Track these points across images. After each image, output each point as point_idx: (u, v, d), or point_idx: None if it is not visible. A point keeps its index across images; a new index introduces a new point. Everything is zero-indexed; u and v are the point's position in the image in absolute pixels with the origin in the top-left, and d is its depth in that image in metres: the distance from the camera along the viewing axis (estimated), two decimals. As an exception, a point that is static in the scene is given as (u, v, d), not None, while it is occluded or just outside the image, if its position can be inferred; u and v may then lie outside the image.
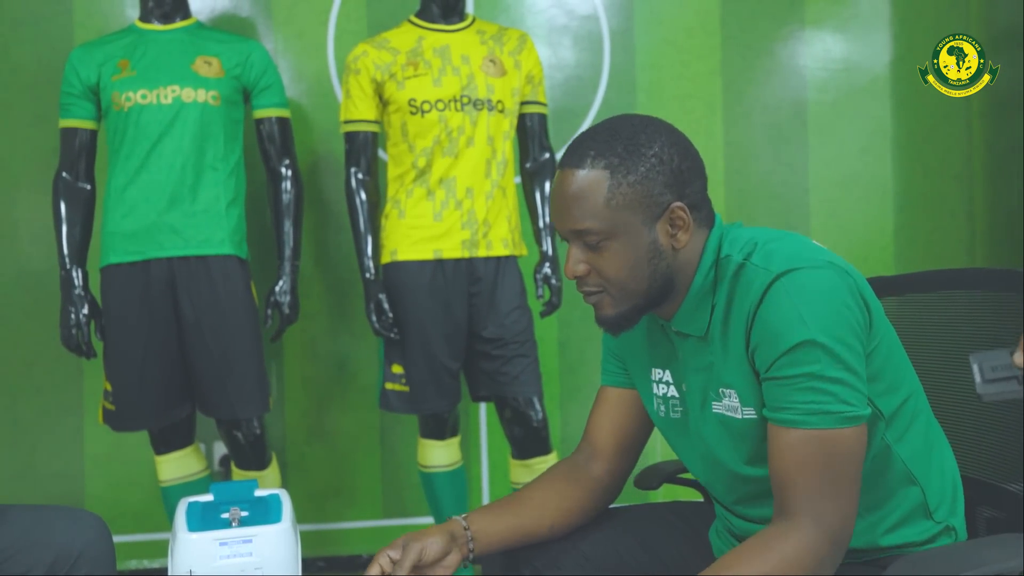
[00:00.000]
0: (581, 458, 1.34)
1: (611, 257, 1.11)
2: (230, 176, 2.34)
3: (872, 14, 3.02)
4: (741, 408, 1.12)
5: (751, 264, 1.09)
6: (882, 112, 3.02)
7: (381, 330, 2.27)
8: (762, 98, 2.99)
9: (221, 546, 1.19)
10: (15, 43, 2.77)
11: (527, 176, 2.45)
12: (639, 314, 1.16)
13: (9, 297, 2.78)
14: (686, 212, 1.11)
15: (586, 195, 1.10)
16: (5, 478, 2.74)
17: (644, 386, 1.28)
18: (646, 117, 1.17)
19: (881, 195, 3.02)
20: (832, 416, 1.02)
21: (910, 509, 1.15)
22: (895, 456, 1.13)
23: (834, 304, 1.04)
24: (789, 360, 1.03)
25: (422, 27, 2.33)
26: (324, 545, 2.84)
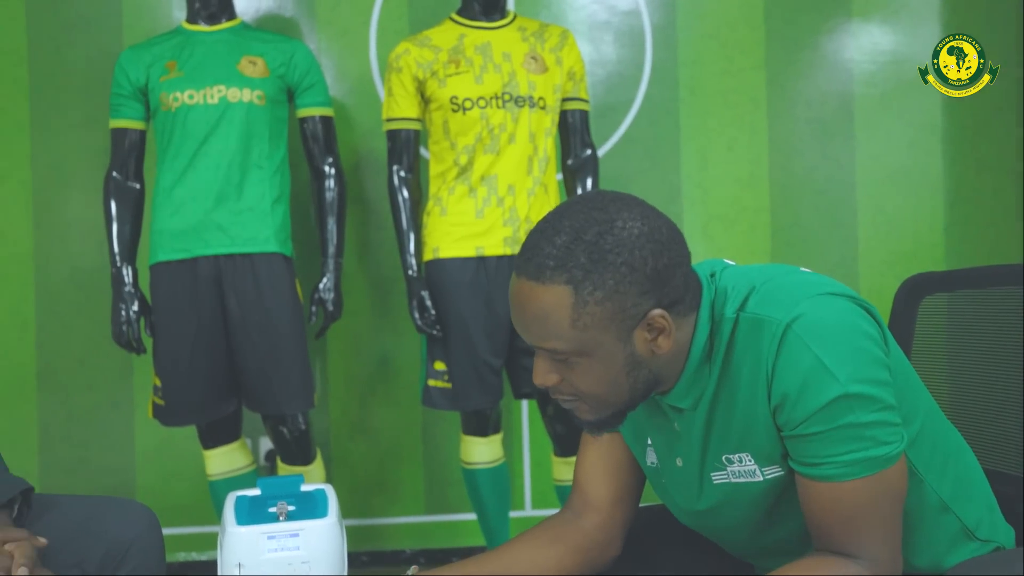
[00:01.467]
0: (570, 513, 1.24)
1: (583, 373, 1.01)
2: (275, 174, 2.36)
3: (921, 5, 2.96)
4: (760, 469, 1.07)
5: (748, 315, 1.02)
6: (932, 105, 2.96)
7: (424, 327, 2.27)
8: (807, 93, 2.95)
9: (269, 540, 1.20)
10: (66, 46, 2.82)
11: (569, 173, 2.45)
12: (623, 417, 1.08)
13: (61, 294, 2.83)
14: (666, 318, 0.99)
15: (547, 315, 0.97)
16: (59, 470, 2.80)
17: (636, 443, 1.22)
18: (613, 203, 1.00)
19: (931, 191, 2.96)
20: (873, 461, 0.98)
21: (953, 535, 1.12)
22: (925, 487, 1.09)
23: (853, 340, 0.98)
24: (822, 416, 0.97)
25: (464, 24, 2.34)
26: (368, 540, 2.86)
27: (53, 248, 2.84)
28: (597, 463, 1.24)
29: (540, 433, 2.80)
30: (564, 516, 1.25)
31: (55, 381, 2.83)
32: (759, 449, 1.05)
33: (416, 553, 2.88)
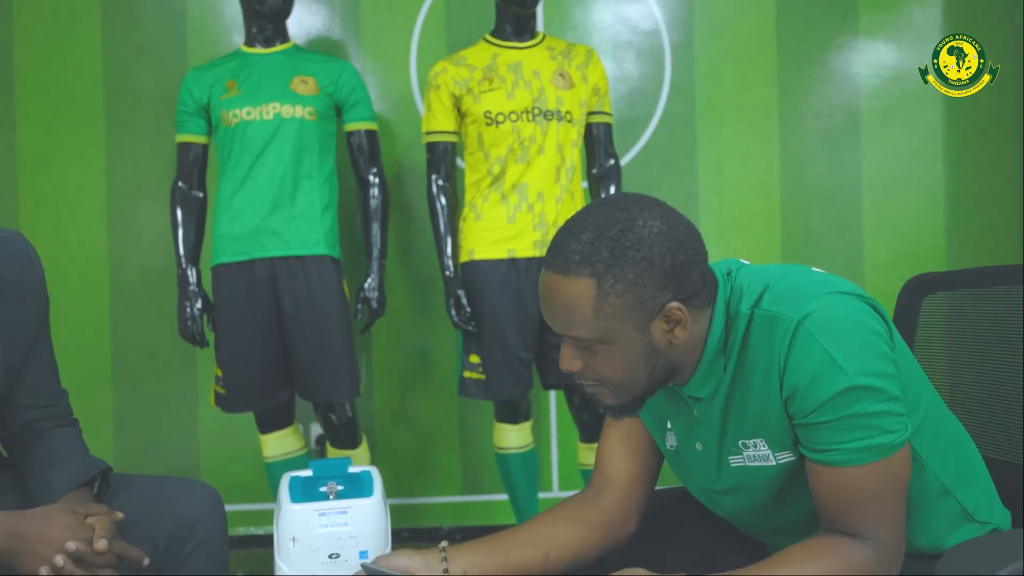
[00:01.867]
0: (590, 492, 1.24)
1: (605, 360, 1.01)
2: (324, 184, 2.37)
3: (924, 23, 2.93)
4: (773, 454, 1.06)
5: (763, 312, 1.01)
6: (933, 116, 2.93)
7: (460, 323, 2.28)
8: (816, 105, 2.92)
9: (320, 516, 1.20)
10: (137, 68, 2.85)
11: (594, 181, 2.44)
12: (642, 402, 1.08)
13: (132, 294, 2.86)
14: (683, 310, 0.99)
15: (573, 305, 0.97)
16: (131, 452, 2.83)
17: (656, 428, 1.22)
18: (635, 204, 1.01)
19: (932, 196, 2.92)
20: (878, 449, 0.97)
21: (952, 518, 1.11)
22: (928, 472, 1.08)
23: (861, 336, 0.98)
24: (831, 407, 0.97)
25: (496, 45, 2.34)
26: (409, 518, 2.88)
27: (125, 251, 2.87)
28: (617, 446, 1.24)
29: (567, 421, 2.79)
30: (585, 495, 1.25)
31: (128, 372, 2.87)
32: (772, 435, 1.05)
33: (452, 530, 2.89)
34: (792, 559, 0.99)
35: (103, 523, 1.19)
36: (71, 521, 1.17)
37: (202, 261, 2.41)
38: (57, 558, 1.13)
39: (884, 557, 0.99)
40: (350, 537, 1.20)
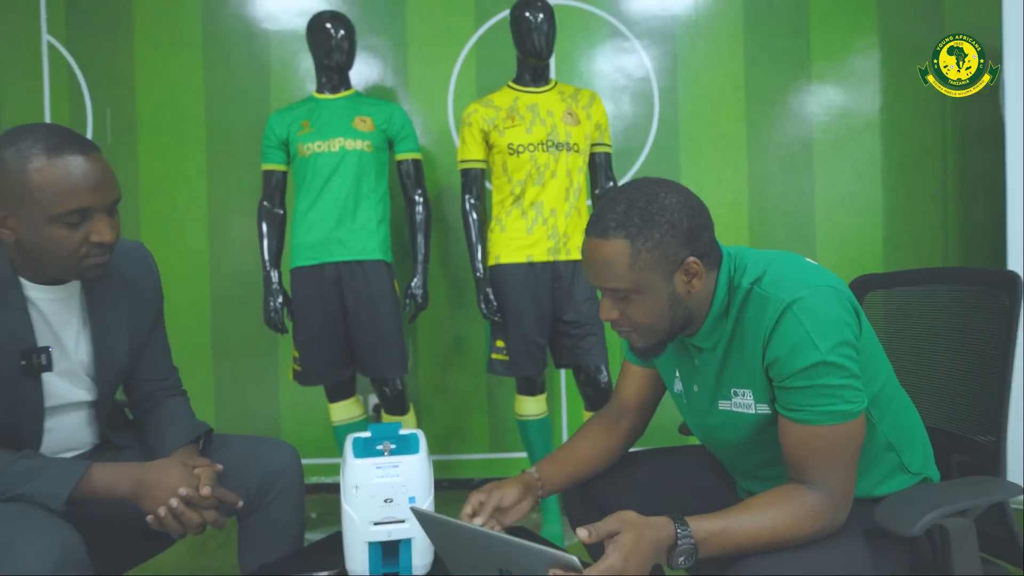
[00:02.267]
0: (613, 414, 1.31)
1: (638, 306, 1.03)
2: (379, 202, 2.38)
3: (865, 71, 2.89)
4: (755, 405, 1.07)
5: (760, 290, 1.02)
6: (873, 147, 2.89)
7: (488, 315, 2.28)
8: (777, 138, 2.90)
9: (377, 469, 1.20)
10: (231, 112, 2.88)
11: (596, 200, 2.43)
12: (664, 346, 1.10)
13: (228, 291, 2.89)
14: (699, 264, 1.02)
15: (611, 261, 1.00)
16: (228, 417, 2.86)
17: (666, 373, 1.24)
18: (656, 183, 1.05)
19: (872, 212, 2.89)
20: (840, 414, 0.97)
21: (890, 468, 1.10)
22: (877, 431, 1.08)
23: (836, 324, 0.98)
24: (805, 375, 0.98)
25: (517, 90, 2.34)
26: (447, 471, 2.88)
27: (222, 257, 2.90)
28: (630, 386, 1.30)
29: (574, 394, 2.80)
30: (608, 414, 1.32)
31: (224, 353, 2.89)
32: (756, 389, 1.06)
33: (481, 480, 2.87)
34: (758, 503, 0.99)
35: (207, 473, 1.20)
36: (183, 471, 1.18)
37: (282, 265, 2.42)
38: (172, 501, 1.14)
39: (835, 503, 0.98)
40: (401, 486, 1.20)
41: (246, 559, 1.33)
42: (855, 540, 0.99)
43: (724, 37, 2.89)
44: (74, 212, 1.09)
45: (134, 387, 1.38)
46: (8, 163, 1.07)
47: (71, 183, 1.08)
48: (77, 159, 1.09)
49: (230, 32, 2.88)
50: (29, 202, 1.07)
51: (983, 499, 1.00)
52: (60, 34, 2.87)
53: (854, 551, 0.98)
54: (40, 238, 1.09)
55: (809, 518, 0.96)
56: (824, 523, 0.97)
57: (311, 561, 1.29)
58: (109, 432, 1.35)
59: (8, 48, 2.87)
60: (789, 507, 0.96)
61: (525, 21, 2.28)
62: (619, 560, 0.89)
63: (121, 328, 1.30)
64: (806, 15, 2.88)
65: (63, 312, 1.22)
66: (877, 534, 0.98)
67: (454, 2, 2.86)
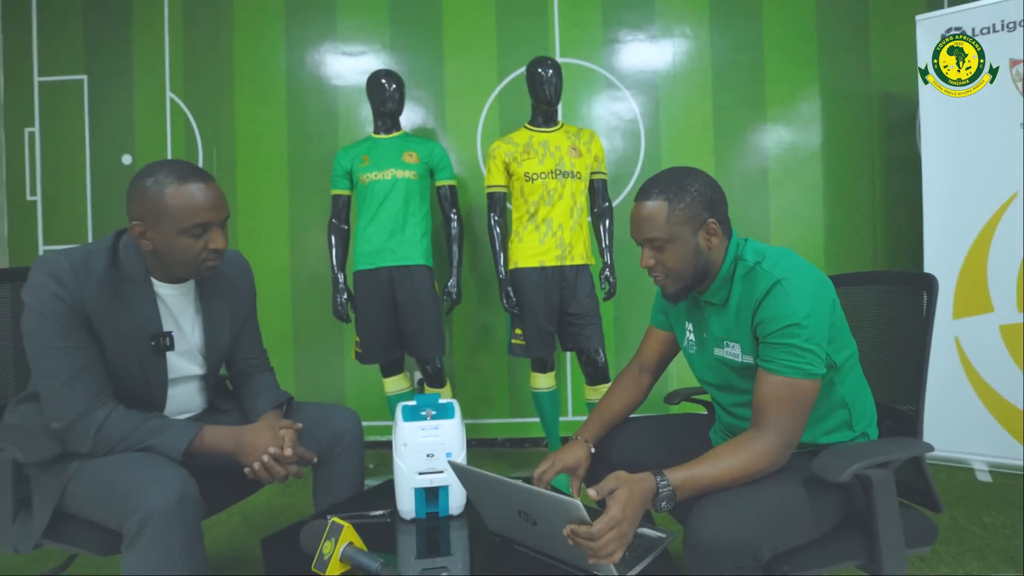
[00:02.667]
0: (636, 369, 1.33)
1: (671, 254, 1.08)
2: (423, 219, 2.38)
3: (809, 114, 2.85)
4: (741, 355, 1.08)
5: (760, 268, 1.06)
6: (816, 175, 2.85)
7: (508, 308, 2.28)
8: (740, 167, 2.87)
9: (421, 430, 1.22)
10: (308, 148, 2.89)
11: (595, 217, 2.42)
12: (688, 291, 1.13)
13: (305, 290, 2.90)
14: (717, 225, 1.08)
15: (654, 216, 1.07)
16: (304, 388, 2.88)
17: (680, 330, 1.25)
18: (689, 168, 1.11)
19: (815, 226, 2.85)
20: (801, 370, 0.98)
21: (839, 423, 1.10)
22: (836, 390, 1.08)
23: (813, 302, 1.00)
24: (780, 333, 1.00)
25: (532, 130, 2.34)
26: (477, 432, 2.89)
27: (300, 264, 2.91)
28: (652, 346, 1.33)
29: (577, 372, 2.80)
30: (631, 370, 1.34)
31: (302, 339, 2.90)
32: (744, 343, 1.08)
33: (504, 440, 2.90)
34: (719, 451, 0.99)
35: (290, 436, 1.22)
36: (272, 434, 1.20)
37: (346, 269, 2.44)
38: (264, 457, 1.16)
39: (779, 446, 0.99)
40: (440, 444, 1.21)
41: (319, 500, 1.34)
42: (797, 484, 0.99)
43: (697, 88, 2.86)
44: (197, 225, 1.12)
45: (233, 364, 1.41)
46: (150, 189, 1.11)
47: (195, 204, 1.11)
48: (200, 185, 1.13)
49: (307, 88, 2.91)
50: (164, 218, 1.11)
51: (899, 454, 1.00)
52: (179, 91, 2.93)
53: (796, 493, 0.98)
54: (171, 246, 1.13)
55: (757, 459, 0.97)
56: (770, 462, 0.98)
57: (369, 502, 1.30)
58: (214, 399, 1.37)
59: (142, 103, 2.93)
60: (743, 453, 0.97)
61: (538, 75, 2.29)
62: (619, 511, 0.90)
63: (225, 318, 1.32)
64: (762, 71, 2.85)
65: (182, 304, 1.25)
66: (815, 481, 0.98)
67: (482, 61, 2.87)
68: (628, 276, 2.72)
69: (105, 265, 1.13)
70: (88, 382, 1.10)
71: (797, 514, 0.97)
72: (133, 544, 0.98)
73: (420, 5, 2.88)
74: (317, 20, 2.91)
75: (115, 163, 2.94)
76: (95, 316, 1.11)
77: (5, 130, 2.98)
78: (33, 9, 2.97)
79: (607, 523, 0.89)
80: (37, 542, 1.09)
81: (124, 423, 1.11)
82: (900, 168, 2.81)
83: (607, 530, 0.88)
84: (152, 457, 1.09)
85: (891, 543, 0.96)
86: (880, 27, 2.83)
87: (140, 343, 1.17)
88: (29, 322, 1.08)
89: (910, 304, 1.18)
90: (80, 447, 1.10)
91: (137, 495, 1.00)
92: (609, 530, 0.88)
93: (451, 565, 1.06)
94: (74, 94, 2.95)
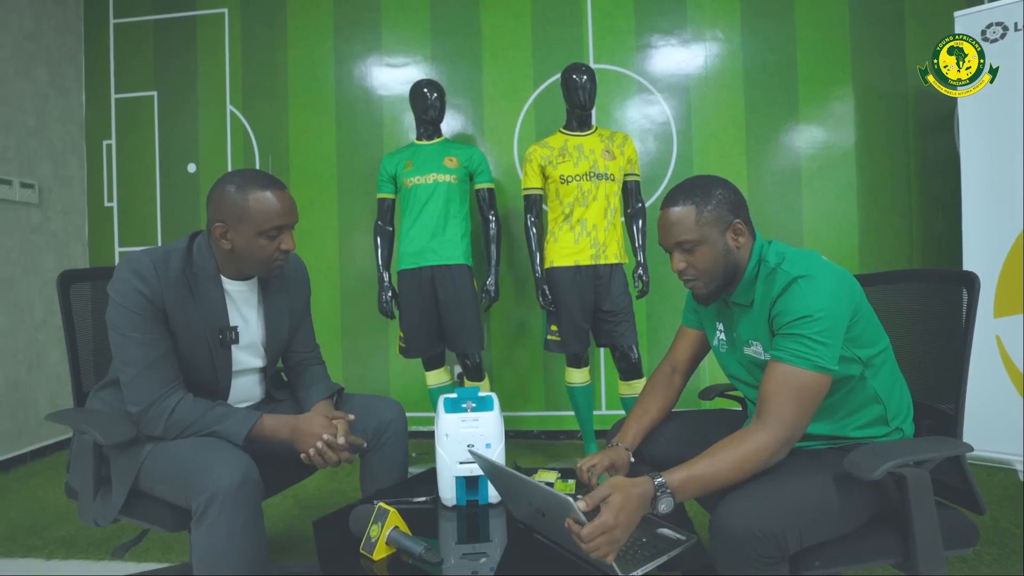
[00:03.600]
0: (668, 370, 1.30)
1: (701, 256, 1.07)
2: (463, 221, 2.38)
3: (842, 114, 2.74)
4: (763, 353, 1.06)
5: (781, 269, 1.03)
6: (850, 173, 2.74)
7: (544, 306, 2.27)
8: (772, 167, 2.78)
9: (462, 422, 1.22)
10: (355, 155, 2.94)
11: (628, 218, 2.39)
12: (719, 292, 1.11)
13: (353, 288, 2.95)
14: (743, 225, 1.07)
15: (683, 219, 1.06)
16: (352, 380, 2.93)
17: (711, 330, 1.23)
18: (710, 176, 1.10)
19: (849, 225, 2.74)
20: (809, 361, 0.94)
21: (874, 418, 1.06)
22: (868, 384, 1.03)
23: (830, 300, 0.97)
24: (792, 325, 0.97)
25: (566, 134, 2.32)
26: (513, 424, 2.89)
27: (348, 263, 2.96)
28: (683, 346, 1.30)
29: (611, 367, 2.77)
30: (664, 372, 1.30)
31: (350, 334, 2.95)
32: (764, 342, 1.06)
33: (540, 432, 2.89)
34: (716, 449, 0.96)
35: (342, 424, 1.23)
36: (325, 422, 1.21)
37: (391, 268, 2.46)
38: (318, 443, 1.18)
39: (779, 438, 0.95)
40: (479, 435, 1.22)
41: (366, 485, 1.36)
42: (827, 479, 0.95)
43: (728, 89, 2.79)
44: (274, 228, 1.17)
45: (288, 357, 1.43)
46: (233, 194, 1.16)
47: (274, 209, 1.16)
48: (278, 193, 1.18)
49: (354, 98, 2.96)
50: (245, 220, 1.16)
51: (934, 453, 0.95)
52: (238, 104, 3.02)
53: (826, 486, 0.94)
54: (249, 246, 1.17)
55: (754, 454, 0.94)
56: (767, 456, 0.94)
57: (413, 489, 1.31)
58: (271, 389, 1.40)
59: (205, 115, 3.04)
60: (740, 448, 0.94)
61: (573, 82, 2.27)
62: (611, 517, 0.88)
63: (283, 313, 1.35)
64: (794, 71, 2.76)
65: (248, 299, 1.29)
66: (847, 477, 0.93)
67: (518, 69, 2.86)
68: (661, 274, 2.67)
69: (181, 263, 1.18)
70: (162, 371, 1.14)
71: (826, 508, 0.93)
72: (201, 521, 1.02)
73: (459, 18, 2.89)
74: (363, 35, 2.95)
75: (181, 171, 3.05)
76: (171, 310, 1.15)
77: (87, 143, 3.13)
78: (111, 34, 3.11)
79: (597, 528, 0.87)
80: (115, 517, 1.14)
81: (192, 410, 1.15)
82: (937, 166, 2.68)
83: (596, 535, 0.86)
84: (217, 442, 1.13)
85: (927, 543, 0.91)
86: (916, 25, 2.70)
87: (210, 335, 1.21)
88: (113, 314, 1.13)
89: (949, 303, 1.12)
90: (153, 431, 1.14)
91: (204, 476, 1.03)
92: (599, 535, 0.87)
93: (490, 550, 1.06)
94: (146, 109, 3.08)
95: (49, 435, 2.83)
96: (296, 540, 1.81)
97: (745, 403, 1.36)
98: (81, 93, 3.12)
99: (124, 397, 1.15)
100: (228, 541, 1.01)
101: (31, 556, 1.75)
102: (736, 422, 1.29)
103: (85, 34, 3.13)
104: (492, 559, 1.03)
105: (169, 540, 1.79)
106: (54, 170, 2.95)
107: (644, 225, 2.36)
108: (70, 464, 1.25)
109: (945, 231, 2.64)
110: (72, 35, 3.07)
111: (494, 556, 1.04)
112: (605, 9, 2.83)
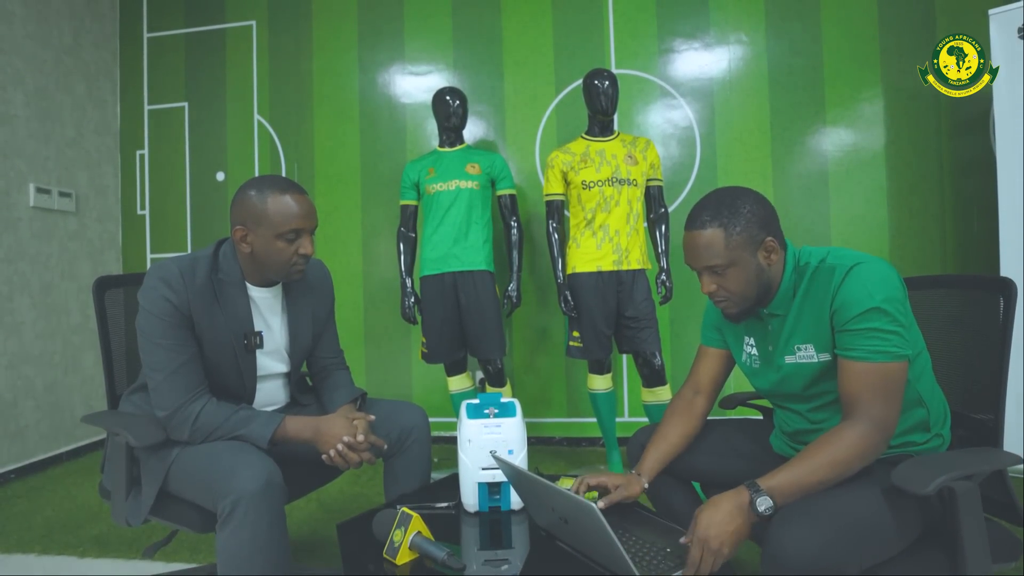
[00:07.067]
0: (689, 394, 1.23)
1: (732, 278, 1.02)
2: (485, 227, 2.39)
3: (871, 115, 2.68)
4: (817, 355, 1.01)
5: (826, 264, 1.00)
6: (879, 176, 2.67)
7: (567, 311, 2.26)
8: (798, 171, 2.73)
9: (484, 428, 1.21)
10: (380, 163, 2.97)
11: (651, 223, 2.37)
12: (750, 312, 1.07)
13: (377, 294, 2.97)
14: (775, 242, 1.01)
15: (711, 244, 1.00)
16: (375, 385, 2.94)
17: (737, 346, 1.17)
18: (735, 189, 1.03)
19: (879, 230, 2.67)
20: (888, 354, 0.92)
21: (917, 423, 1.02)
22: (912, 387, 0.99)
23: (890, 284, 0.95)
24: (860, 319, 0.94)
25: (589, 139, 2.31)
26: (536, 431, 2.87)
27: (371, 269, 2.98)
28: (706, 366, 1.24)
29: (634, 374, 2.74)
30: (685, 395, 1.23)
31: (373, 339, 2.97)
32: (819, 342, 1.01)
33: (562, 439, 2.87)
34: (813, 450, 0.92)
35: (363, 424, 1.24)
36: (346, 423, 1.22)
37: (414, 274, 2.48)
38: (339, 444, 1.19)
39: (876, 432, 0.92)
40: (502, 441, 1.21)
41: (389, 490, 1.36)
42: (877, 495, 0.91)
43: (753, 93, 2.75)
44: (292, 231, 1.19)
45: (313, 362, 1.45)
46: (253, 198, 1.19)
47: (291, 212, 1.19)
48: (296, 196, 1.20)
49: (378, 106, 3.00)
50: (264, 223, 1.18)
51: (987, 466, 0.91)
52: (265, 114, 3.09)
53: (878, 503, 0.90)
54: (268, 249, 1.20)
55: (852, 450, 0.91)
56: (866, 451, 0.91)
57: (435, 494, 1.31)
58: (296, 394, 1.41)
59: (233, 125, 3.11)
60: (838, 447, 0.91)
61: (594, 87, 2.26)
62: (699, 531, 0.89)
63: (307, 319, 1.36)
64: (820, 73, 2.71)
65: (272, 305, 1.31)
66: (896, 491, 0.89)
67: (540, 76, 2.87)
68: (684, 280, 2.64)
69: (207, 270, 1.21)
70: (188, 377, 1.17)
71: (882, 527, 0.88)
72: (226, 523, 1.03)
73: (481, 26, 2.91)
74: (387, 44, 2.99)
75: (211, 179, 3.12)
76: (197, 315, 1.18)
77: (121, 153, 3.23)
78: (144, 47, 3.21)
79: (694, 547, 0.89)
80: (145, 517, 1.16)
81: (217, 414, 1.17)
82: (972, 168, 2.59)
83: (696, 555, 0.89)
84: (242, 446, 1.14)
85: (978, 559, 0.87)
86: (948, 23, 2.62)
87: (235, 340, 1.23)
88: (142, 320, 1.16)
89: (986, 309, 1.08)
90: (179, 435, 1.16)
91: (229, 480, 1.05)
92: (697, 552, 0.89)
93: (512, 557, 1.05)
94: (177, 119, 3.16)
95: (84, 436, 2.91)
96: (320, 543, 1.82)
97: (769, 412, 1.32)
98: (116, 105, 3.22)
99: (151, 401, 1.17)
100: (252, 544, 1.02)
101: (66, 553, 1.80)
102: (762, 433, 1.26)
103: (120, 48, 3.23)
104: (514, 566, 1.02)
105: (197, 541, 1.82)
106: (90, 179, 3.04)
107: (667, 230, 2.33)
108: (104, 465, 1.27)
109: (980, 234, 2.55)
110: (108, 49, 3.18)
111: (516, 563, 1.03)
112: (627, 14, 2.82)
